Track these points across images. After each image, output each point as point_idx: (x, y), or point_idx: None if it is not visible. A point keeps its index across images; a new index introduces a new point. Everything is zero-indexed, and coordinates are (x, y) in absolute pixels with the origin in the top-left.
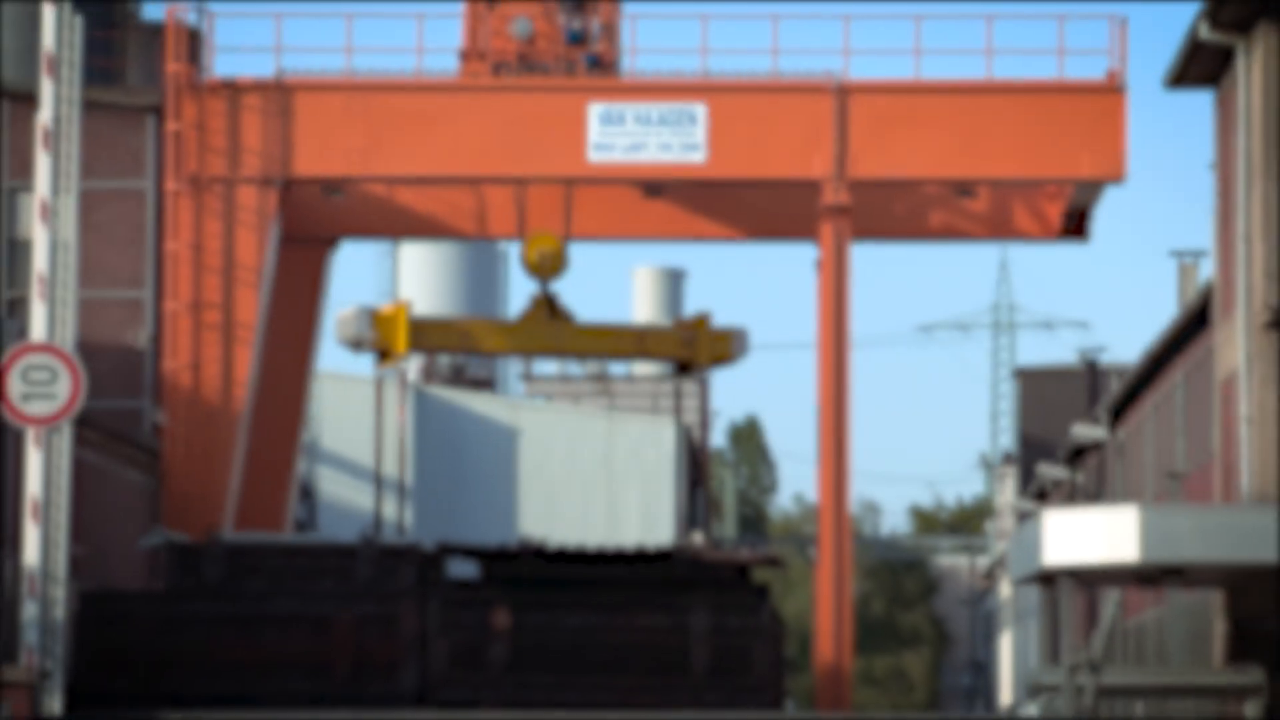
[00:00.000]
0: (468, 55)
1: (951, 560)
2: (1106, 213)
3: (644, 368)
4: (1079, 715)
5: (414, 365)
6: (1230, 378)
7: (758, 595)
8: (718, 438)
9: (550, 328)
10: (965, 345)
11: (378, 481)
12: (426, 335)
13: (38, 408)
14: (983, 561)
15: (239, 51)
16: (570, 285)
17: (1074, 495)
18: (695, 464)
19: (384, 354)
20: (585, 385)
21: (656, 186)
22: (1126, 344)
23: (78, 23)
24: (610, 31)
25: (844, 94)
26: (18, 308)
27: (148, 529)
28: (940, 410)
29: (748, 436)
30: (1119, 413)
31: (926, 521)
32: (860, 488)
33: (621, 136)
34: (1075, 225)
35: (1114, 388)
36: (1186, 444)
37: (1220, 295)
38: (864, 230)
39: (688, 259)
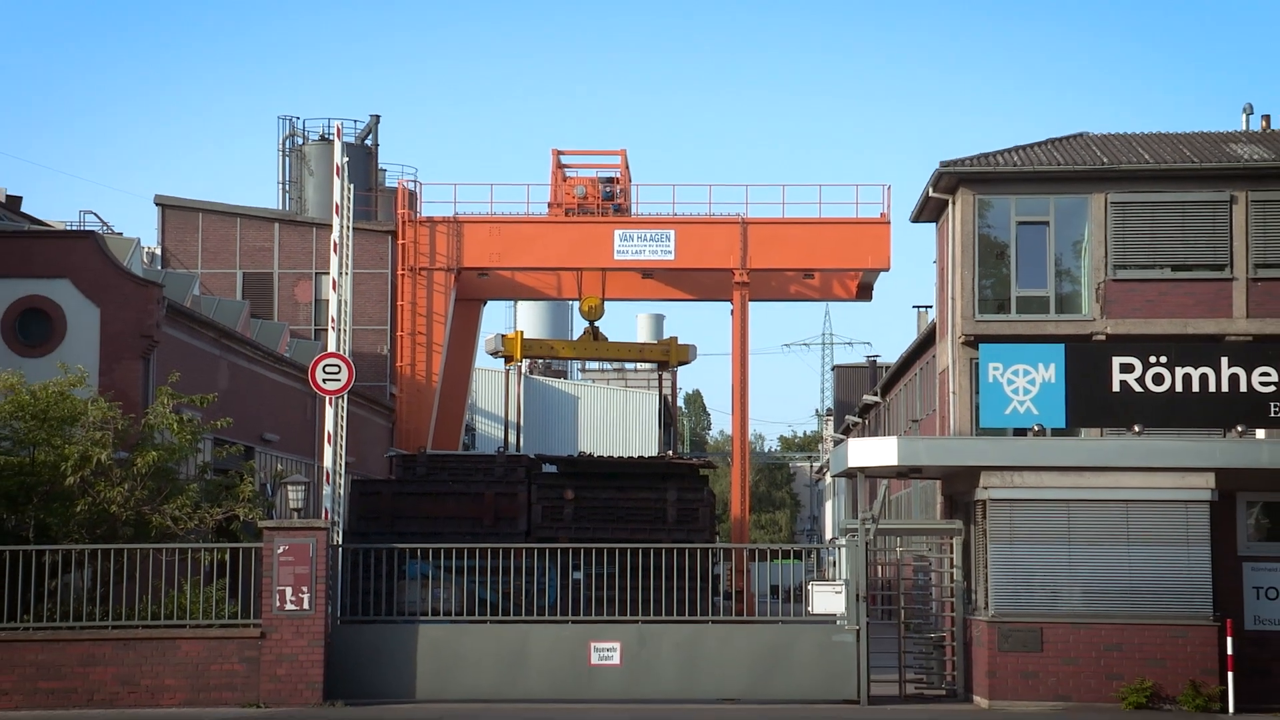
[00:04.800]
0: (551, 204)
1: (801, 464)
2: (881, 285)
3: (643, 366)
4: (865, 545)
5: (525, 364)
6: (945, 370)
7: (702, 481)
8: (680, 401)
9: (594, 345)
10: (807, 354)
11: (506, 424)
12: (531, 348)
13: (330, 385)
14: (817, 465)
15: (434, 203)
16: (605, 324)
17: (863, 431)
18: (668, 415)
19: (509, 358)
20: (612, 374)
21: (649, 272)
22: (891, 352)
23: (351, 187)
24: (625, 193)
25: (745, 225)
26: (321, 334)
27: (387, 448)
28: (794, 387)
29: (695, 401)
30: (886, 388)
31: (788, 444)
32: (754, 426)
33: (631, 246)
34: (864, 291)
35: (884, 376)
36: (921, 404)
37: (939, 327)
38: (756, 295)
39: (665, 309)
